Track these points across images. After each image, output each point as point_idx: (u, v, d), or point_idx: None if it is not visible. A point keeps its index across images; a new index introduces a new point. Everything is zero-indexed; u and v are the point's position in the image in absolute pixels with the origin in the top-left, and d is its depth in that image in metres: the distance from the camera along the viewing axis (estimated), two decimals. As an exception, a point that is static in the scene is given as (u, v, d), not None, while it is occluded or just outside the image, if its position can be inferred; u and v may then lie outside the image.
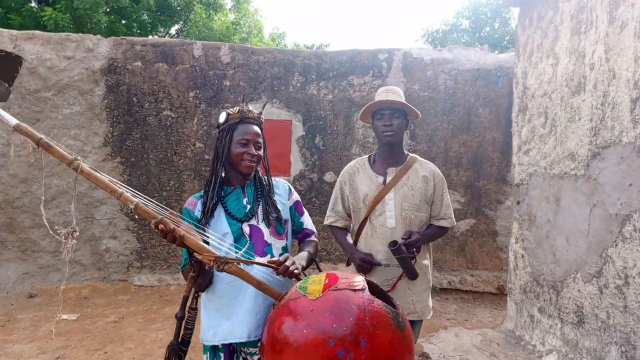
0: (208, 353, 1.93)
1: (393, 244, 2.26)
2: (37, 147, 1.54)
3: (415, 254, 2.37)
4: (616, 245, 3.02)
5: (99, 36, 5.88)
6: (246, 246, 1.86)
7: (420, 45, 16.92)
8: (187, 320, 1.67)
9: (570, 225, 3.51)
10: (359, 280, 1.53)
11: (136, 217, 5.90)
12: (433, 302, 5.86)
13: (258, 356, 1.82)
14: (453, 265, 6.37)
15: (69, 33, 5.81)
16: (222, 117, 1.96)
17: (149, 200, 1.62)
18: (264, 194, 1.97)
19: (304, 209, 2.17)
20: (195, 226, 1.80)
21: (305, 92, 6.17)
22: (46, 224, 1.69)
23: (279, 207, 1.98)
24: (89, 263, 5.82)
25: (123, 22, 12.47)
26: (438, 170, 2.59)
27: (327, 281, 1.51)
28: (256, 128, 1.96)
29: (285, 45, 18.01)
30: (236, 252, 1.82)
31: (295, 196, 2.13)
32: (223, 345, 1.87)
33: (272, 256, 1.87)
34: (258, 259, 1.81)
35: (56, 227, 1.42)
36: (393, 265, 2.40)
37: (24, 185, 5.61)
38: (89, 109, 5.73)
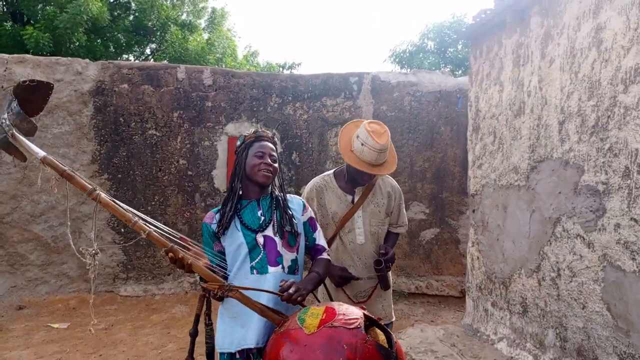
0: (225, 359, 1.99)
1: (378, 263, 2.48)
2: (61, 177, 1.69)
3: (391, 265, 2.60)
4: (550, 243, 3.59)
5: (87, 60, 6.24)
6: (260, 256, 1.94)
7: (389, 65, 17.71)
8: (206, 336, 1.82)
9: (515, 228, 4.08)
10: (356, 317, 1.56)
11: (122, 230, 6.22)
12: (402, 306, 6.37)
13: None
14: (420, 271, 6.89)
15: (59, 57, 6.15)
16: (240, 140, 2.15)
17: (162, 227, 1.74)
18: (279, 206, 2.04)
19: (317, 225, 2.21)
20: (211, 240, 1.98)
21: (282, 113, 6.66)
22: (72, 245, 1.86)
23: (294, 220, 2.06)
24: (76, 275, 6.08)
25: (98, 41, 12.73)
26: (395, 182, 2.81)
27: (324, 316, 1.55)
28: (271, 145, 2.10)
29: (258, 64, 18.54)
30: (250, 263, 1.95)
31: (310, 212, 2.19)
32: (239, 353, 1.93)
33: (284, 267, 1.97)
34: (269, 278, 1.93)
35: (82, 248, 1.77)
36: (365, 278, 2.59)
37: (13, 202, 5.86)
38: (77, 129, 6.05)
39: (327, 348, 1.43)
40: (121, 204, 1.72)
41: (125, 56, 14.78)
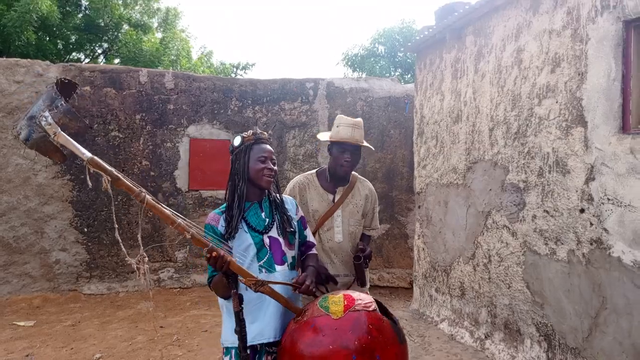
0: (232, 354, 2.02)
1: (357, 258, 2.56)
2: (110, 179, 1.67)
3: (369, 262, 2.66)
4: (483, 234, 4.16)
5: (47, 62, 6.32)
6: (267, 256, 2.03)
7: (341, 68, 18.26)
8: (241, 331, 1.81)
9: (455, 222, 4.64)
10: (371, 301, 1.81)
11: (85, 230, 6.36)
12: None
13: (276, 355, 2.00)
14: (372, 265, 7.37)
15: (19, 59, 6.20)
16: (237, 141, 2.09)
17: (199, 228, 1.82)
18: (279, 208, 2.14)
19: (306, 223, 2.34)
20: (219, 241, 1.97)
21: (243, 115, 6.99)
22: (123, 249, 1.83)
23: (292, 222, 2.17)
24: (38, 275, 6.16)
25: (47, 39, 12.49)
26: (373, 187, 2.91)
27: (346, 302, 1.76)
28: (270, 147, 2.12)
29: (212, 64, 18.61)
30: (258, 263, 2.02)
31: (300, 211, 2.29)
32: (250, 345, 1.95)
33: (288, 265, 2.08)
34: (277, 276, 2.02)
35: (129, 253, 1.80)
36: (342, 275, 2.65)
37: (-28, 203, 5.87)
38: (39, 130, 6.12)
39: (356, 328, 1.65)
40: (164, 206, 1.75)
41: (75, 55, 14.53)
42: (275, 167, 2.11)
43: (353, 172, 2.79)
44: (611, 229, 2.95)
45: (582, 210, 3.16)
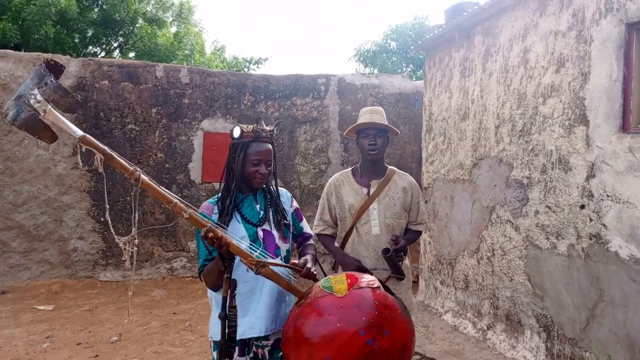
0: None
1: (386, 251, 2.47)
2: (102, 158, 1.60)
3: (403, 256, 2.62)
4: (487, 228, 4.28)
5: (68, 56, 6.53)
6: (260, 249, 1.98)
7: (353, 64, 18.32)
8: (229, 318, 1.73)
9: (460, 216, 4.76)
10: (374, 279, 1.79)
11: (102, 219, 6.57)
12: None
13: (269, 348, 1.98)
14: (380, 258, 7.54)
15: (40, 53, 6.41)
16: (236, 133, 2.02)
17: (198, 211, 1.76)
18: (273, 201, 2.12)
19: (302, 215, 2.30)
20: (217, 224, 1.85)
21: (255, 110, 7.15)
22: (112, 231, 1.78)
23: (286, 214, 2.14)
24: (57, 262, 6.40)
25: (65, 33, 12.75)
26: (414, 180, 2.82)
27: (349, 281, 1.73)
28: (268, 146, 2.04)
29: (225, 59, 18.80)
30: (254, 251, 1.93)
31: (295, 204, 2.27)
32: (240, 339, 1.90)
33: (282, 258, 2.04)
34: (277, 261, 1.98)
35: (142, 242, 1.69)
36: (380, 269, 2.60)
37: (-6, 191, 6.11)
38: (59, 122, 6.34)
39: (363, 305, 1.62)
40: (160, 186, 1.70)
41: (92, 48, 14.80)
42: (270, 169, 2.05)
43: (391, 167, 2.80)
44: (610, 224, 3.06)
45: (582, 206, 3.27)
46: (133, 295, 6.10)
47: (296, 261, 1.94)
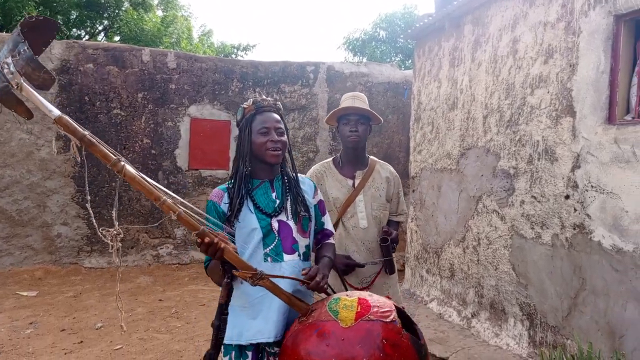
0: (233, 353, 1.81)
1: (384, 240, 2.41)
2: (80, 144, 1.41)
3: (395, 247, 2.53)
4: (473, 218, 4.31)
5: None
6: (274, 243, 1.79)
7: (342, 52, 18.25)
8: (220, 325, 1.59)
9: (447, 206, 4.79)
10: (389, 309, 1.53)
11: (87, 205, 6.48)
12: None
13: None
14: (367, 246, 7.58)
15: (22, 35, 6.25)
16: (239, 113, 1.88)
17: (192, 208, 1.55)
18: (292, 189, 1.89)
19: (326, 209, 2.10)
20: (215, 223, 1.70)
21: (243, 97, 7.09)
22: (94, 223, 1.62)
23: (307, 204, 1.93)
24: (40, 248, 6.31)
25: (48, 14, 12.45)
26: (393, 169, 2.75)
27: (359, 309, 1.50)
28: (275, 115, 1.86)
29: (212, 44, 18.57)
30: (263, 251, 1.79)
31: (320, 195, 2.06)
32: (251, 344, 1.78)
33: (300, 255, 1.84)
34: (284, 266, 1.79)
35: (102, 229, 1.48)
36: (369, 264, 2.51)
37: (-24, 176, 5.99)
38: (42, 106, 6.21)
39: (367, 342, 1.40)
40: (148, 179, 1.49)
41: (75, 31, 14.48)
42: (284, 138, 1.84)
43: (372, 157, 2.68)
44: (593, 214, 3.11)
45: (567, 197, 3.31)
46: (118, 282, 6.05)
47: (306, 269, 1.73)
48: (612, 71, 3.04)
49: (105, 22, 14.89)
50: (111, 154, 1.43)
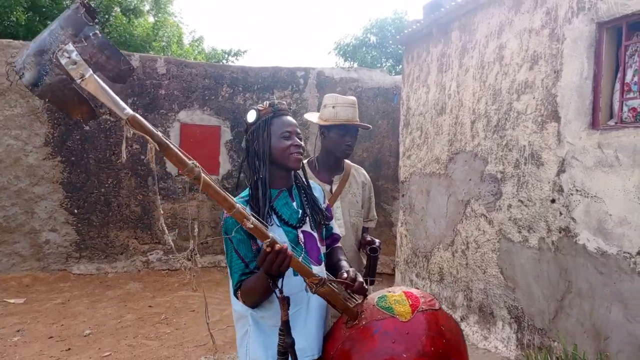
0: None
1: (374, 250, 2.30)
2: (158, 148, 1.28)
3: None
4: (462, 222, 4.35)
5: (40, 44, 6.34)
6: (301, 255, 1.67)
7: (333, 57, 18.34)
8: (279, 344, 1.48)
9: (436, 210, 4.82)
10: (432, 298, 1.57)
11: (75, 211, 6.45)
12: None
13: None
14: (357, 251, 7.60)
15: (11, 40, 6.22)
16: (252, 115, 1.72)
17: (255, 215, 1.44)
18: (309, 197, 1.81)
19: (332, 212, 2.06)
20: (248, 237, 1.60)
21: (233, 102, 7.10)
22: (170, 242, 1.48)
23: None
24: (28, 254, 6.25)
25: (37, 19, 12.38)
26: (367, 174, 2.69)
27: (410, 301, 1.50)
28: (293, 119, 1.77)
29: (203, 50, 18.56)
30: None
31: (326, 200, 2.02)
32: None
33: (324, 263, 1.78)
34: (315, 271, 1.62)
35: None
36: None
37: (-37, 182, 5.93)
38: (30, 111, 6.18)
39: (430, 332, 1.43)
40: (221, 188, 1.37)
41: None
42: (303, 144, 1.75)
43: (346, 160, 2.60)
44: (578, 218, 3.15)
45: (553, 201, 3.36)
46: (107, 289, 6.02)
47: (345, 273, 1.60)
48: (596, 77, 3.10)
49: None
50: (186, 159, 1.29)
